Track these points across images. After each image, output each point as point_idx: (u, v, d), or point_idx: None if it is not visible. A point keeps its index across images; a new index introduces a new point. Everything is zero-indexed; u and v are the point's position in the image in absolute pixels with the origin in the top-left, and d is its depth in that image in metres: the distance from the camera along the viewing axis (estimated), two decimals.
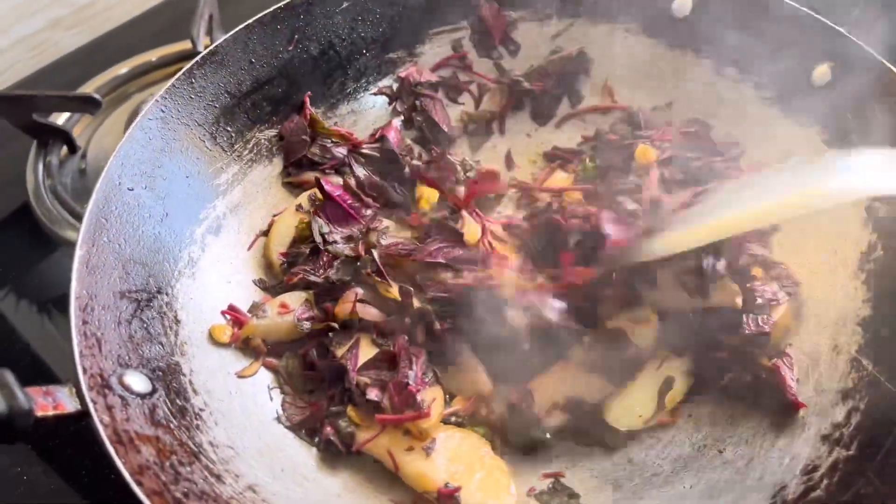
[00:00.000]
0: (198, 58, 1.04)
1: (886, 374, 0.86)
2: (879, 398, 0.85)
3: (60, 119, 1.34)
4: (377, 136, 1.16)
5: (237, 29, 1.08)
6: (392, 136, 1.14)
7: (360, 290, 0.97)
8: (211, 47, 1.06)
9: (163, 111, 1.01)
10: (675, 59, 1.18)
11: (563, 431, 0.94)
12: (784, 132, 1.10)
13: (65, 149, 1.31)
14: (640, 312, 0.92)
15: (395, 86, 1.22)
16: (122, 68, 1.44)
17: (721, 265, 0.91)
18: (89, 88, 1.39)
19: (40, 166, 1.26)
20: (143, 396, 0.79)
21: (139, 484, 0.69)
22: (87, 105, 1.27)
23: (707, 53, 1.16)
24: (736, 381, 0.92)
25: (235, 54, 1.08)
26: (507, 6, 1.23)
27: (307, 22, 1.14)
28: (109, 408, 0.74)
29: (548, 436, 0.94)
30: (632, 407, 0.90)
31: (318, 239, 1.03)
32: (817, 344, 0.94)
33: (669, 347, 0.91)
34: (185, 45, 1.45)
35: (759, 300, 0.94)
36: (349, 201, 1.08)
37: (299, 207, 1.08)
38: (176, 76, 1.03)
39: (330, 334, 0.95)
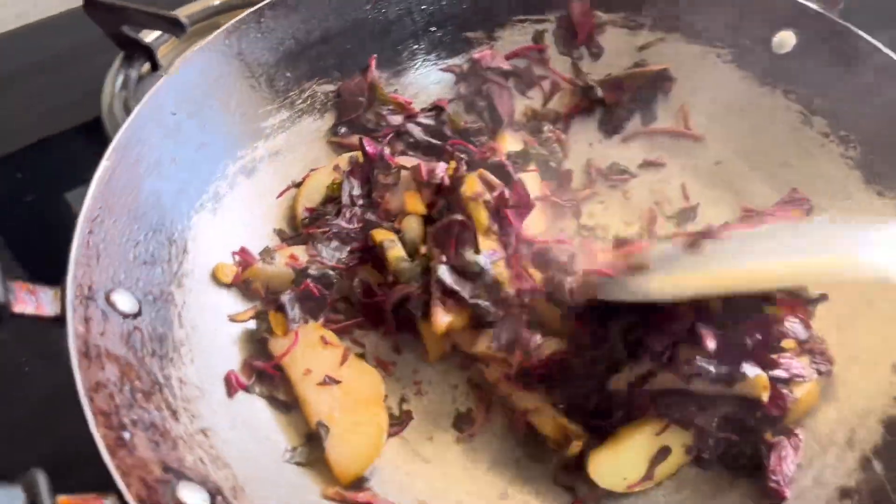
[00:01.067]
0: None
1: (895, 483, 0.78)
2: None
3: (150, 37, 1.36)
4: (432, 106, 1.13)
5: None
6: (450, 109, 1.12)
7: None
8: None
9: (226, 44, 1.01)
10: (761, 96, 1.09)
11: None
12: (861, 197, 1.01)
13: (147, 66, 1.32)
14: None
15: (465, 66, 1.18)
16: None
17: (753, 368, 0.80)
18: (183, 13, 1.41)
19: (120, 78, 1.29)
20: (126, 316, 0.79)
21: (90, 400, 0.68)
22: (174, 27, 1.27)
23: (797, 97, 1.07)
24: (732, 451, 0.85)
25: (311, 2, 1.08)
26: (599, 6, 1.17)
27: None
28: (87, 319, 0.74)
29: None
30: (619, 468, 0.82)
31: (346, 200, 1.02)
32: (832, 432, 0.86)
33: (675, 419, 0.83)
34: None
35: (784, 374, 0.85)
36: None
37: (337, 168, 1.06)
38: (245, 12, 1.03)
39: None
